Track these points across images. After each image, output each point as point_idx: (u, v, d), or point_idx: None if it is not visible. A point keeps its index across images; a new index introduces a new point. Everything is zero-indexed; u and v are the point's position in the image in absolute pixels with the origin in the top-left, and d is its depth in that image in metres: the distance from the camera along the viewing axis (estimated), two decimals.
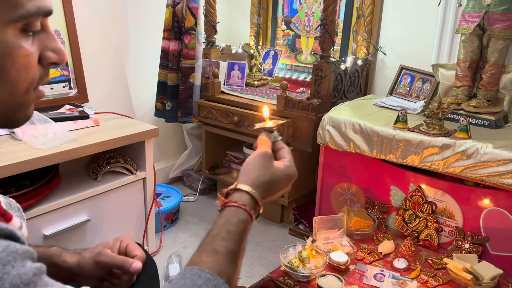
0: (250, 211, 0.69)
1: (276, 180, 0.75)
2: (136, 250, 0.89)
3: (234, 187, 0.72)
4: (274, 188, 0.75)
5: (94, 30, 2.09)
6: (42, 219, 1.47)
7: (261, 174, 0.73)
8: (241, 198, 0.69)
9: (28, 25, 0.50)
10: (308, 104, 1.92)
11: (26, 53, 0.51)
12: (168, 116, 2.30)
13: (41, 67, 0.55)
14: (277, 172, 0.75)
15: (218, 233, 0.64)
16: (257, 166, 0.74)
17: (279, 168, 0.76)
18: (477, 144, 1.45)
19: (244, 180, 0.72)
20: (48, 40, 0.55)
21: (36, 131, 1.53)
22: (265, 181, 0.73)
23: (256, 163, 0.75)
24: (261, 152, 0.76)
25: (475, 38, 1.72)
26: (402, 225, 1.67)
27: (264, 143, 0.79)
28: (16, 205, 0.77)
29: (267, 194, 0.74)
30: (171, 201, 2.20)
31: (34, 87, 0.55)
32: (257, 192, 0.71)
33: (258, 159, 0.75)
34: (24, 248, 0.45)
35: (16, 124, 0.57)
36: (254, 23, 2.62)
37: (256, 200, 0.71)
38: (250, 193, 0.70)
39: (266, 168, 0.74)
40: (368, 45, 2.21)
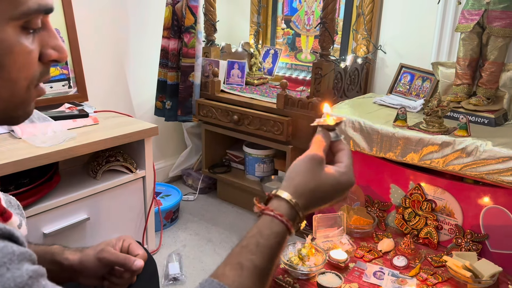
0: (288, 222, 0.60)
1: (325, 189, 0.64)
2: (138, 249, 0.89)
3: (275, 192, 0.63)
4: (322, 198, 0.64)
5: (94, 28, 2.09)
6: (41, 217, 1.47)
7: (307, 180, 0.63)
8: (279, 207, 0.61)
9: (28, 23, 0.50)
10: (307, 102, 1.92)
11: (27, 51, 0.51)
12: (168, 115, 2.30)
13: (41, 65, 0.55)
14: (327, 179, 0.64)
15: (247, 244, 0.58)
16: (302, 171, 0.64)
17: (330, 174, 0.65)
18: (477, 141, 1.45)
19: (286, 186, 0.63)
20: (49, 37, 0.55)
21: (36, 129, 1.53)
22: (310, 189, 0.63)
23: (302, 167, 0.64)
24: (310, 154, 0.65)
25: (475, 36, 1.72)
26: (402, 223, 1.67)
27: (317, 143, 0.67)
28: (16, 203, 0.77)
29: (312, 204, 0.64)
30: (171, 200, 2.20)
31: (35, 84, 0.55)
32: (299, 201, 0.62)
33: (305, 162, 0.65)
34: (22, 250, 0.44)
35: (16, 122, 0.57)
36: (254, 21, 2.62)
37: (296, 211, 0.62)
38: (290, 202, 0.61)
39: (313, 173, 0.63)
40: (368, 44, 2.21)
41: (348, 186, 0.66)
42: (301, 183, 0.63)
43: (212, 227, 2.19)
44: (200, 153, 2.61)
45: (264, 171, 2.31)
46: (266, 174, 2.32)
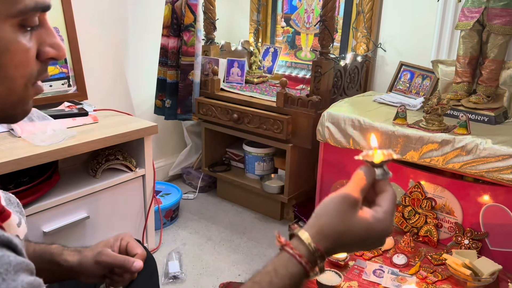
0: (306, 264, 0.56)
1: (355, 235, 0.58)
2: (136, 248, 0.89)
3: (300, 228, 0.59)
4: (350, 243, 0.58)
5: (93, 27, 2.08)
6: (41, 216, 1.47)
7: (335, 222, 0.57)
8: (300, 246, 0.57)
9: (26, 21, 0.50)
10: (307, 100, 1.92)
11: (24, 49, 0.51)
12: (168, 113, 2.30)
13: (39, 63, 0.54)
14: (358, 225, 0.57)
15: (260, 281, 0.55)
16: (331, 211, 0.58)
17: (363, 219, 0.58)
18: (477, 139, 1.45)
19: (311, 225, 0.59)
20: (47, 35, 0.54)
21: (35, 128, 1.53)
22: (338, 232, 0.57)
23: (331, 206, 0.58)
24: (343, 193, 0.59)
25: (475, 33, 1.72)
26: (402, 221, 1.67)
27: (356, 181, 0.60)
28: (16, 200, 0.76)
29: (337, 249, 0.59)
30: (171, 198, 2.20)
31: (33, 82, 0.54)
32: (321, 243, 0.57)
33: (335, 201, 0.59)
34: (19, 260, 0.43)
35: (15, 120, 0.56)
36: (253, 20, 2.62)
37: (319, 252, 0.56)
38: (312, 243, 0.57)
39: (343, 216, 0.58)
40: (367, 42, 2.20)
41: (383, 235, 0.59)
42: (327, 224, 0.58)
43: (212, 225, 2.19)
44: (200, 151, 2.61)
45: (264, 169, 2.31)
46: (266, 172, 2.32)
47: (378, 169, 0.61)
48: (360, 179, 0.60)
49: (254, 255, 1.94)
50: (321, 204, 0.60)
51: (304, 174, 2.18)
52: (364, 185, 0.60)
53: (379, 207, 0.60)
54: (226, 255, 1.94)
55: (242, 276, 1.79)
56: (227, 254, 1.94)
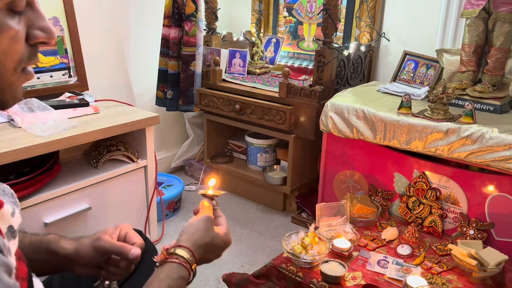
0: (190, 269, 0.73)
1: (215, 245, 0.79)
2: (135, 238, 0.87)
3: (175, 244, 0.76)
4: (212, 251, 0.80)
5: (94, 17, 2.06)
6: (42, 207, 1.45)
7: (203, 236, 0.78)
8: (184, 255, 0.74)
9: (13, 3, 0.48)
10: (310, 91, 1.90)
11: (13, 32, 0.49)
12: (169, 104, 2.28)
13: (29, 47, 0.52)
14: (217, 237, 0.80)
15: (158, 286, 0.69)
16: (200, 228, 0.79)
17: (218, 233, 0.81)
18: (483, 128, 1.43)
19: (186, 239, 0.77)
20: (36, 18, 0.52)
21: (36, 118, 1.52)
22: (205, 243, 0.78)
23: (200, 225, 0.79)
24: (205, 216, 0.81)
25: (481, 22, 1.69)
26: (406, 212, 1.66)
27: (207, 208, 0.84)
28: (10, 191, 0.75)
29: (205, 256, 0.78)
30: (173, 190, 2.19)
31: (22, 67, 0.53)
32: (197, 252, 0.76)
33: (201, 221, 0.80)
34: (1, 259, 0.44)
35: (5, 106, 0.54)
36: (255, 10, 2.59)
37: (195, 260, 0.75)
38: (191, 251, 0.75)
39: (208, 231, 0.79)
40: (371, 31, 2.18)
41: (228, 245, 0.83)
42: (199, 238, 0.77)
43: None
44: (202, 143, 2.60)
45: (266, 160, 2.30)
46: (269, 163, 2.30)
47: (213, 201, 0.88)
48: (208, 207, 0.85)
49: (257, 246, 1.93)
50: (189, 224, 0.80)
51: (307, 165, 2.16)
52: (212, 210, 0.85)
53: (222, 226, 0.84)
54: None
55: (245, 267, 1.78)
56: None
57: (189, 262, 0.73)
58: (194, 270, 0.76)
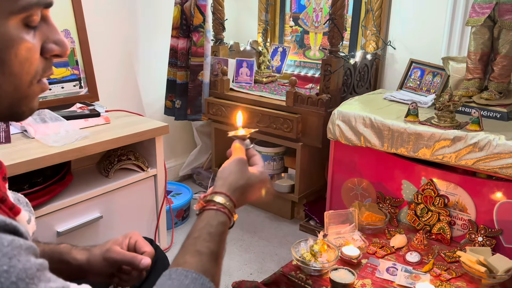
0: (228, 213, 0.72)
1: (251, 185, 0.78)
2: (145, 246, 0.89)
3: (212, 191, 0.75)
4: (249, 192, 0.78)
5: (104, 29, 2.10)
6: (55, 216, 1.48)
7: (238, 178, 0.76)
8: (221, 201, 0.72)
9: (29, 17, 0.50)
10: (317, 99, 1.92)
11: (28, 46, 0.51)
12: (178, 114, 2.31)
13: (43, 60, 0.55)
14: (252, 177, 0.78)
15: (199, 235, 0.67)
16: (234, 171, 0.77)
17: (253, 173, 0.79)
18: (490, 136, 1.43)
19: (221, 184, 0.75)
20: (50, 32, 0.54)
21: (48, 129, 1.55)
22: (241, 185, 0.76)
23: (232, 168, 0.78)
24: (237, 158, 0.80)
25: (486, 29, 1.70)
26: (414, 219, 1.66)
27: (238, 149, 0.83)
28: (25, 200, 0.77)
29: (243, 198, 0.77)
30: (182, 198, 2.21)
31: (38, 79, 0.55)
32: (234, 195, 0.74)
33: (234, 164, 0.78)
34: (28, 244, 0.46)
35: (21, 117, 0.56)
36: (262, 20, 2.62)
37: (233, 203, 0.74)
38: (228, 196, 0.73)
39: (243, 173, 0.78)
40: (377, 40, 2.20)
41: (266, 182, 0.82)
42: (234, 181, 0.76)
43: None
44: (209, 151, 2.62)
45: (274, 168, 2.31)
46: (276, 171, 2.32)
47: (246, 141, 0.85)
48: (240, 148, 0.83)
49: (266, 254, 1.94)
50: (223, 168, 0.78)
51: (315, 173, 2.18)
52: (244, 151, 0.83)
53: (258, 165, 0.82)
54: (237, 254, 1.94)
55: (254, 275, 1.79)
56: (238, 254, 1.95)
57: (226, 207, 0.72)
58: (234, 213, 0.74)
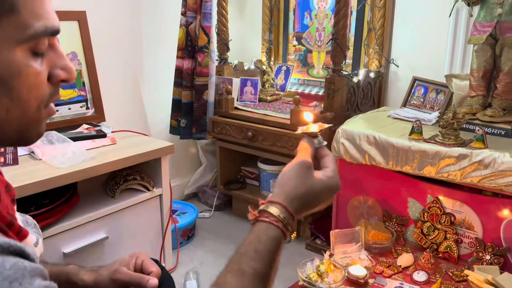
0: (283, 227, 0.63)
1: (315, 193, 0.67)
2: (152, 266, 0.90)
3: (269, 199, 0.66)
4: (312, 201, 0.68)
5: (110, 51, 2.14)
6: (61, 237, 1.49)
7: (298, 185, 0.66)
8: (275, 213, 0.63)
9: (36, 45, 0.51)
10: (321, 117, 1.93)
11: (36, 72, 0.52)
12: (183, 133, 2.33)
13: (51, 85, 0.55)
14: (316, 184, 0.67)
15: (245, 251, 0.60)
16: (293, 177, 0.67)
17: (319, 179, 0.68)
18: (494, 153, 1.43)
19: (278, 193, 0.66)
20: (57, 58, 0.55)
21: (55, 150, 1.56)
22: (301, 193, 0.66)
23: (292, 173, 0.67)
24: (299, 161, 0.69)
25: (488, 47, 1.72)
26: (421, 238, 1.65)
27: (304, 150, 0.71)
28: (33, 222, 0.78)
29: (303, 208, 0.67)
30: (187, 217, 2.21)
31: (45, 104, 0.56)
32: (291, 206, 0.65)
33: (295, 169, 0.68)
34: (33, 266, 0.45)
35: (29, 142, 0.57)
36: (265, 39, 2.65)
37: (290, 215, 0.64)
38: (284, 207, 0.64)
39: (304, 179, 0.67)
40: (380, 58, 2.22)
41: (336, 189, 0.70)
42: (292, 189, 0.66)
43: (229, 244, 2.19)
44: (215, 170, 2.63)
45: None
46: None
47: (316, 139, 0.73)
48: (306, 148, 0.71)
49: None
50: (282, 174, 0.68)
51: None
52: (310, 152, 0.71)
53: (327, 168, 0.71)
54: None
55: None
56: None
57: (280, 219, 0.63)
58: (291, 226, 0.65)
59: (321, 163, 0.72)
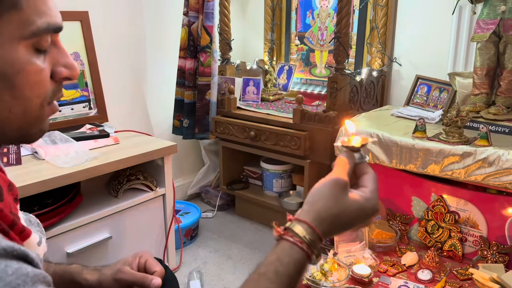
0: (308, 250, 0.58)
1: (348, 215, 0.61)
2: (155, 266, 0.89)
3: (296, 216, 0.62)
4: (344, 224, 0.62)
5: (113, 51, 2.14)
6: (64, 237, 1.49)
7: (329, 205, 0.61)
8: (300, 233, 0.59)
9: (39, 42, 0.51)
10: (324, 116, 1.93)
11: (38, 70, 0.52)
12: (186, 133, 2.33)
13: (53, 83, 0.55)
14: (350, 205, 0.61)
15: (265, 271, 0.57)
16: (325, 195, 0.61)
17: (354, 200, 0.62)
18: (499, 151, 1.43)
19: (307, 210, 0.61)
20: (60, 55, 0.55)
21: (58, 150, 1.57)
22: (332, 214, 0.60)
23: (325, 191, 0.62)
24: (333, 178, 0.63)
25: (491, 45, 1.71)
26: (425, 236, 1.64)
27: (341, 165, 0.65)
28: (36, 221, 0.78)
29: (333, 230, 0.62)
30: (190, 217, 2.21)
31: (48, 102, 0.55)
32: (320, 227, 0.59)
33: (328, 186, 0.62)
34: (36, 271, 0.44)
35: (32, 139, 0.57)
36: (267, 39, 2.65)
37: (317, 237, 0.59)
38: (311, 227, 0.59)
39: (337, 198, 0.61)
40: (382, 56, 2.21)
41: (373, 212, 0.64)
42: (323, 208, 0.61)
43: (232, 244, 2.18)
44: (217, 170, 2.62)
45: (282, 186, 2.31)
46: (285, 189, 2.31)
47: (357, 153, 0.66)
48: (344, 164, 0.65)
49: None
50: (313, 190, 0.63)
51: None
52: (348, 169, 0.65)
53: (365, 188, 0.64)
54: (247, 274, 1.91)
55: None
56: (247, 273, 1.92)
57: (305, 241, 0.58)
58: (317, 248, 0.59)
59: (360, 181, 0.66)
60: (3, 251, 0.43)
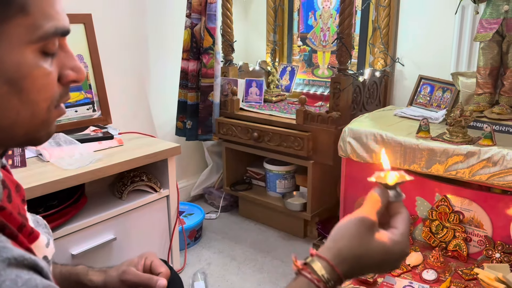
0: None
1: (372, 258, 0.58)
2: (161, 267, 0.90)
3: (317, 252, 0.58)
4: (368, 266, 0.59)
5: (116, 53, 2.15)
6: (69, 238, 1.49)
7: (353, 245, 0.57)
8: (318, 270, 0.56)
9: (46, 45, 0.51)
10: (327, 117, 1.93)
11: (46, 73, 0.52)
12: (189, 134, 2.33)
13: (61, 86, 0.55)
14: (376, 248, 0.58)
15: None
16: (349, 234, 0.58)
17: (380, 242, 0.58)
18: (503, 150, 1.42)
19: (328, 247, 0.58)
20: (67, 58, 0.55)
21: (63, 152, 1.57)
22: (355, 255, 0.57)
23: (349, 229, 0.59)
24: (360, 216, 0.59)
25: (494, 44, 1.71)
26: (430, 236, 1.64)
27: (372, 203, 0.61)
28: (43, 222, 0.78)
29: (355, 272, 0.59)
30: (194, 218, 2.21)
31: (55, 105, 0.55)
32: (340, 266, 0.57)
33: (353, 224, 0.59)
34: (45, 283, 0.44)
35: (39, 142, 0.57)
36: (270, 40, 2.66)
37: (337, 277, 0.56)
38: (331, 266, 0.56)
39: (361, 239, 0.58)
40: (385, 57, 2.21)
41: (401, 257, 0.60)
42: (345, 248, 0.58)
43: (236, 245, 2.18)
44: (221, 171, 2.63)
45: (285, 187, 2.31)
46: (288, 190, 2.31)
47: (392, 190, 0.61)
48: (375, 201, 0.61)
49: (279, 274, 1.93)
50: (338, 226, 0.60)
51: (327, 190, 2.17)
52: (379, 208, 0.60)
53: (396, 229, 0.60)
54: (251, 275, 1.92)
55: None
56: (252, 274, 1.93)
57: (323, 280, 0.55)
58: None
59: (391, 221, 0.62)
60: (14, 261, 0.43)
